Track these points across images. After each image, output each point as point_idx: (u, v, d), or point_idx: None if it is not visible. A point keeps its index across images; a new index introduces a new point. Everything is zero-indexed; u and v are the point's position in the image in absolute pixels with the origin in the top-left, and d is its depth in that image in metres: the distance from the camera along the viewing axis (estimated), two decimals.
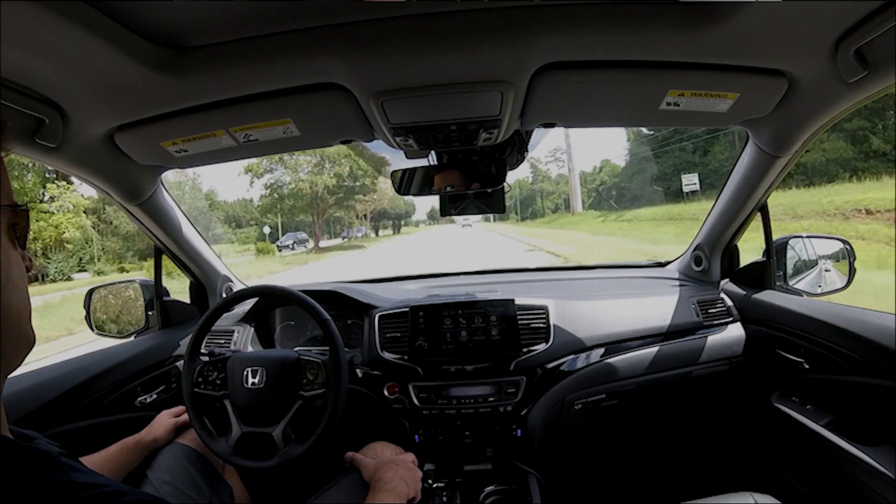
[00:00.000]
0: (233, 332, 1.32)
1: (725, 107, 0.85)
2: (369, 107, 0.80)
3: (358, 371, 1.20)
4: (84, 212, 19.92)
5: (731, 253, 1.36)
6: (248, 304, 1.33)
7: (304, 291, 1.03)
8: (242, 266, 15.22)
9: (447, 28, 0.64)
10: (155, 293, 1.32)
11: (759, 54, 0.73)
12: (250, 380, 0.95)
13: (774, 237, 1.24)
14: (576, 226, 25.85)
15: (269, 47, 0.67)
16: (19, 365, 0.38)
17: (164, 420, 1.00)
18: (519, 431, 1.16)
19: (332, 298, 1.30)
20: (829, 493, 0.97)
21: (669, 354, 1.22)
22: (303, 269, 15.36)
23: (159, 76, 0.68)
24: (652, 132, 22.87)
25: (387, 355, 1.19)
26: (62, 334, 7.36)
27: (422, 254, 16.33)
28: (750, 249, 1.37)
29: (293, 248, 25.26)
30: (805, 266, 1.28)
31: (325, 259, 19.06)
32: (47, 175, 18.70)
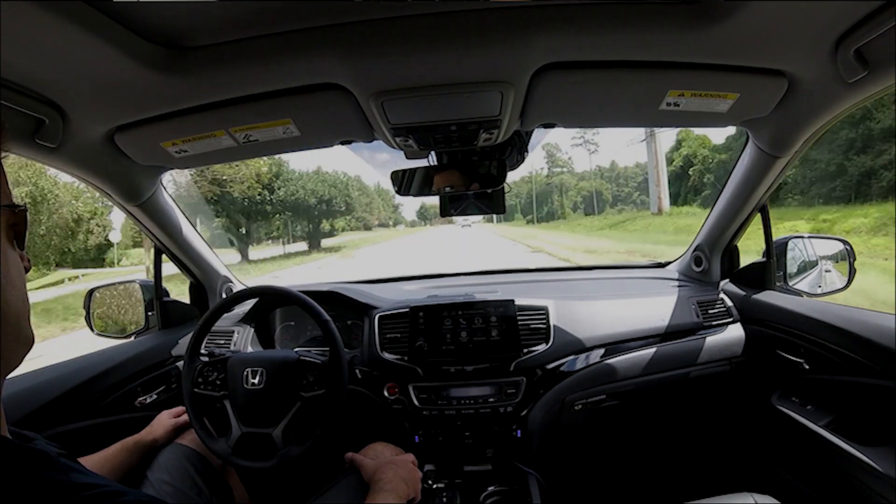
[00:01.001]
0: (233, 332, 1.32)
1: (725, 107, 0.85)
2: (369, 107, 0.80)
3: (358, 371, 1.20)
4: None
5: (731, 253, 1.36)
6: (247, 305, 1.33)
7: (304, 292, 1.03)
8: None
9: (447, 28, 0.64)
10: (155, 293, 1.32)
11: (759, 54, 0.73)
12: (250, 380, 0.95)
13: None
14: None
15: (269, 47, 0.67)
16: (18, 365, 0.38)
17: (164, 420, 1.00)
18: (519, 432, 1.16)
19: (331, 299, 1.30)
20: (829, 494, 0.97)
21: (669, 355, 1.22)
22: None
23: (159, 76, 0.68)
24: None
25: (387, 356, 1.19)
26: None
27: None
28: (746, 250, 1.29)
29: None
30: (805, 266, 1.28)
31: None
32: None
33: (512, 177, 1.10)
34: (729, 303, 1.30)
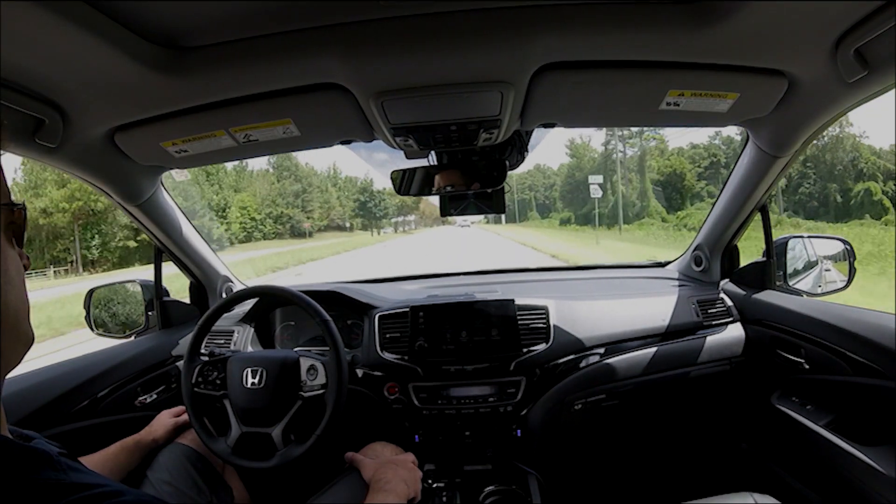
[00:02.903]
0: (233, 332, 1.32)
1: (725, 107, 0.85)
2: (369, 107, 0.80)
3: (358, 371, 1.20)
4: None
5: (731, 253, 1.36)
6: (248, 305, 1.33)
7: (304, 292, 1.03)
8: None
9: (447, 28, 0.64)
10: (155, 293, 1.32)
11: (759, 54, 0.73)
12: (250, 380, 0.95)
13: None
14: None
15: (269, 47, 0.67)
16: (18, 363, 0.38)
17: (164, 420, 1.00)
18: (519, 431, 1.16)
19: (332, 299, 1.30)
20: (829, 493, 0.97)
21: (669, 354, 1.21)
22: None
23: (159, 76, 0.68)
24: None
25: (387, 355, 1.19)
26: None
27: None
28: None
29: None
30: (805, 266, 1.28)
31: None
32: None
33: (520, 170, 1.09)
34: (729, 302, 1.30)
